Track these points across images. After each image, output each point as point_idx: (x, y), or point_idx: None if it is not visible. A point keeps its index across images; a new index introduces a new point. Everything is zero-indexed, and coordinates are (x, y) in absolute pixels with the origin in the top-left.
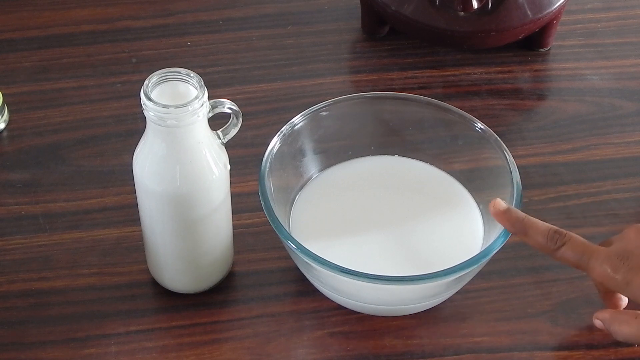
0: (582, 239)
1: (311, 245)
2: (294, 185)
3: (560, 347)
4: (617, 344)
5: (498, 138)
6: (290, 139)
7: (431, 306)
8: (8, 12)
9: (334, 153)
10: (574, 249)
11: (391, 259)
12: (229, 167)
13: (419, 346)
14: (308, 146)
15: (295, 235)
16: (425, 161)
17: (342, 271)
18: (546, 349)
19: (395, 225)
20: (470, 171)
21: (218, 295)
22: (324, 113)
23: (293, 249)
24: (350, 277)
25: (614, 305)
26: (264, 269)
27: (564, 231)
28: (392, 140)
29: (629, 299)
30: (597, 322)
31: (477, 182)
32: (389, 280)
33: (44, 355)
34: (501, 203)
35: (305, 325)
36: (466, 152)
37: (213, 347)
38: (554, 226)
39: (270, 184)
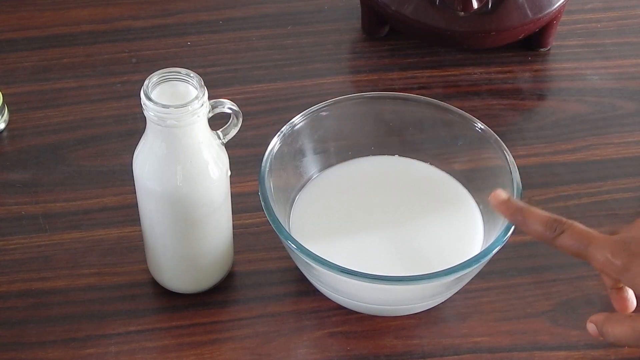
0: (583, 226)
1: (311, 245)
2: (294, 185)
3: (560, 347)
4: None
5: (498, 138)
6: (290, 139)
7: (431, 306)
8: (8, 12)
9: (334, 153)
10: (574, 236)
11: (391, 259)
12: (229, 172)
13: (419, 346)
14: (308, 146)
15: (295, 235)
16: (425, 161)
17: (342, 271)
18: (546, 349)
19: (395, 225)
20: (470, 171)
21: (218, 295)
22: (324, 113)
23: (293, 249)
24: (350, 277)
25: (621, 305)
26: (264, 269)
27: (564, 219)
28: (392, 140)
29: (635, 293)
30: (590, 327)
31: (477, 182)
32: (389, 280)
33: (44, 355)
34: (502, 193)
35: (305, 325)
36: (466, 152)
37: (213, 347)
38: (554, 215)
39: (270, 184)
